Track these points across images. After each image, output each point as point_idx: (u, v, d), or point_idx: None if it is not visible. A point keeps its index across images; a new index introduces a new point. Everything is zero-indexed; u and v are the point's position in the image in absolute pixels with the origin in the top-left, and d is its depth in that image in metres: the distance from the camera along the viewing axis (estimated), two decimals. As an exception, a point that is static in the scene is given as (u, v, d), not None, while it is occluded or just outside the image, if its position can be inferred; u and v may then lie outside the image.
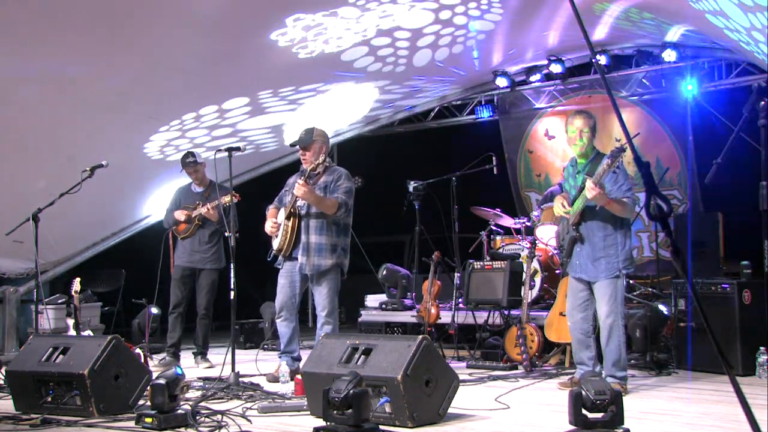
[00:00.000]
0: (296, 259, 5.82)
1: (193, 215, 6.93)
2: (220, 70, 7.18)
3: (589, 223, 5.21)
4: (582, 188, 5.10)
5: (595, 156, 5.24)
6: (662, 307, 6.75)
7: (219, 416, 4.37)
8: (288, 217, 5.79)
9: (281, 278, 5.96)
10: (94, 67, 6.48)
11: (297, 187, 5.61)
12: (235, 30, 6.53)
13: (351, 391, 3.66)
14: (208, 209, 6.80)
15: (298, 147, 5.98)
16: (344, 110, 9.33)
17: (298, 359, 5.97)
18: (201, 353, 7.05)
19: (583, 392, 3.66)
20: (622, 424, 3.65)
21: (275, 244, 5.90)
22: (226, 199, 6.55)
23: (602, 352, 5.22)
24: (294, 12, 6.38)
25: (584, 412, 3.67)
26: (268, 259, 6.01)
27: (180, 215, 6.99)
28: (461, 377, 4.72)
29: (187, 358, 7.11)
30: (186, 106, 7.65)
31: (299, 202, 5.77)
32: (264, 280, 6.43)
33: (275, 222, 5.92)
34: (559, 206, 5.33)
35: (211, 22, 6.26)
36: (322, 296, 5.84)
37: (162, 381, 4.25)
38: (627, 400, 3.74)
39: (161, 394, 4.21)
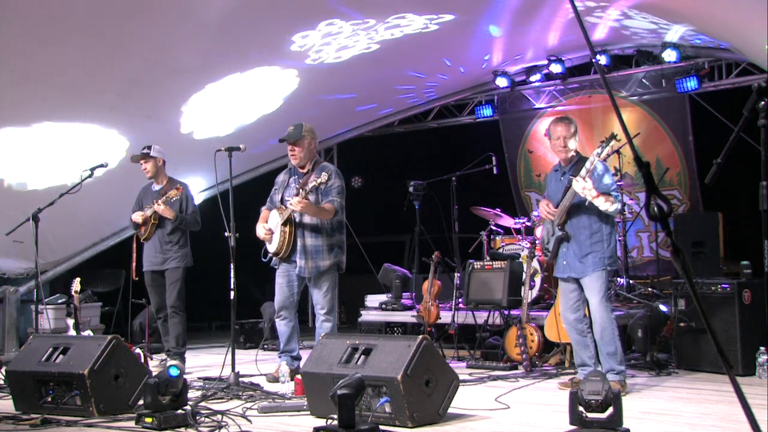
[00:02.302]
0: (294, 261, 5.82)
1: (148, 214, 6.70)
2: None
3: (576, 222, 5.25)
4: (568, 188, 5.15)
5: (579, 159, 5.29)
6: (662, 307, 6.75)
7: (219, 416, 4.37)
8: (284, 224, 5.79)
9: (279, 278, 5.96)
10: (95, 65, 6.46)
11: (295, 203, 5.58)
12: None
13: (337, 392, 3.67)
14: (158, 205, 6.56)
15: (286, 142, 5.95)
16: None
17: (298, 358, 5.97)
18: (178, 354, 6.70)
19: (579, 392, 3.68)
20: (621, 424, 3.65)
21: (271, 247, 5.89)
22: (171, 193, 6.49)
23: (597, 346, 5.24)
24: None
25: (583, 412, 3.67)
26: (263, 260, 6.01)
27: (135, 217, 6.79)
28: (461, 377, 4.72)
29: (188, 358, 7.08)
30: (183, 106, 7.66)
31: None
32: (264, 279, 6.39)
33: (268, 228, 5.91)
34: (543, 208, 5.36)
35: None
36: (320, 295, 5.85)
37: (152, 381, 4.26)
38: (627, 400, 3.75)
39: (150, 393, 4.23)
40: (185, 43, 6.56)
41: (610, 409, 3.64)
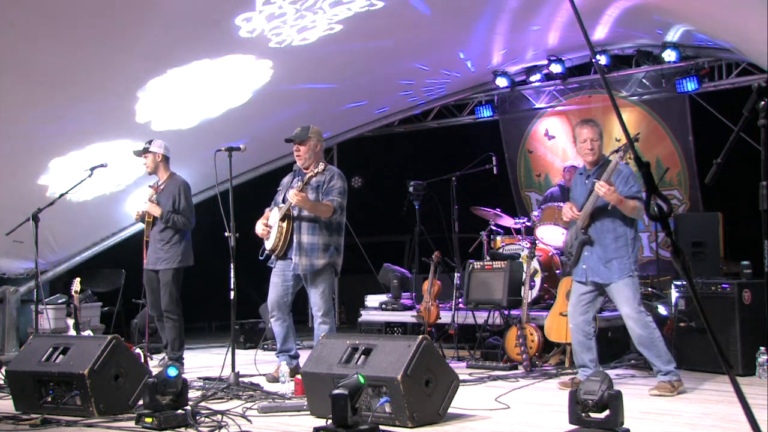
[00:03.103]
0: (290, 259, 5.83)
1: (141, 212, 6.60)
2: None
3: (599, 225, 5.21)
4: (591, 191, 5.12)
5: (604, 162, 5.24)
6: (661, 308, 6.74)
7: (219, 416, 4.37)
8: (282, 219, 5.79)
9: (274, 276, 5.97)
10: (94, 66, 6.46)
11: (292, 195, 5.59)
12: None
13: (331, 392, 3.68)
14: (145, 203, 6.48)
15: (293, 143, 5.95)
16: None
17: (296, 357, 5.98)
18: (174, 359, 6.53)
19: (578, 391, 3.67)
20: (619, 425, 3.62)
21: (268, 244, 5.91)
22: (150, 192, 6.45)
23: (641, 352, 5.23)
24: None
25: (582, 411, 3.66)
26: (260, 258, 6.01)
27: (135, 215, 6.70)
28: (461, 377, 4.72)
29: (188, 358, 7.08)
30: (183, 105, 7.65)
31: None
32: (262, 281, 6.36)
33: (266, 224, 5.92)
34: (567, 211, 5.33)
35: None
36: (316, 296, 5.85)
37: (152, 381, 4.26)
38: (627, 400, 3.73)
39: (150, 393, 4.23)
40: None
41: (606, 410, 3.61)
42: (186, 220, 6.61)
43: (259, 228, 5.94)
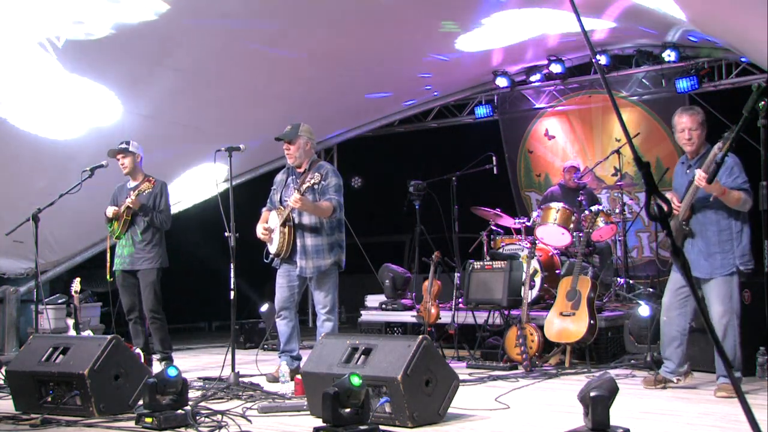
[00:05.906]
0: (295, 262, 5.82)
1: (121, 210, 6.48)
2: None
3: (700, 217, 5.04)
4: (692, 182, 4.93)
5: (707, 151, 5.02)
6: (642, 308, 6.60)
7: (219, 416, 4.37)
8: (283, 224, 5.78)
9: (279, 278, 5.96)
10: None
11: (293, 201, 5.56)
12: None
13: (324, 391, 3.70)
14: (129, 198, 6.39)
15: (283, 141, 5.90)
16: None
17: (298, 358, 5.97)
18: (166, 358, 6.53)
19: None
20: (602, 427, 3.57)
21: (272, 248, 5.89)
22: (143, 186, 6.41)
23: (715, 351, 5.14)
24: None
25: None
26: (265, 261, 6.01)
27: (108, 211, 6.58)
28: (461, 377, 4.72)
29: (188, 358, 7.07)
30: (185, 105, 7.64)
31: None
32: (263, 281, 6.33)
33: (266, 228, 5.91)
34: None
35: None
36: (322, 295, 5.85)
37: (152, 381, 4.26)
38: (627, 400, 3.73)
39: (148, 393, 4.23)
40: None
41: (591, 412, 3.57)
42: (166, 218, 6.58)
43: (260, 232, 5.92)
